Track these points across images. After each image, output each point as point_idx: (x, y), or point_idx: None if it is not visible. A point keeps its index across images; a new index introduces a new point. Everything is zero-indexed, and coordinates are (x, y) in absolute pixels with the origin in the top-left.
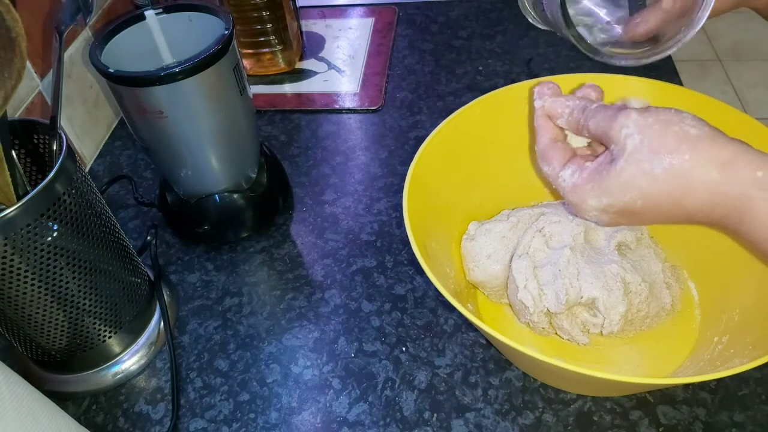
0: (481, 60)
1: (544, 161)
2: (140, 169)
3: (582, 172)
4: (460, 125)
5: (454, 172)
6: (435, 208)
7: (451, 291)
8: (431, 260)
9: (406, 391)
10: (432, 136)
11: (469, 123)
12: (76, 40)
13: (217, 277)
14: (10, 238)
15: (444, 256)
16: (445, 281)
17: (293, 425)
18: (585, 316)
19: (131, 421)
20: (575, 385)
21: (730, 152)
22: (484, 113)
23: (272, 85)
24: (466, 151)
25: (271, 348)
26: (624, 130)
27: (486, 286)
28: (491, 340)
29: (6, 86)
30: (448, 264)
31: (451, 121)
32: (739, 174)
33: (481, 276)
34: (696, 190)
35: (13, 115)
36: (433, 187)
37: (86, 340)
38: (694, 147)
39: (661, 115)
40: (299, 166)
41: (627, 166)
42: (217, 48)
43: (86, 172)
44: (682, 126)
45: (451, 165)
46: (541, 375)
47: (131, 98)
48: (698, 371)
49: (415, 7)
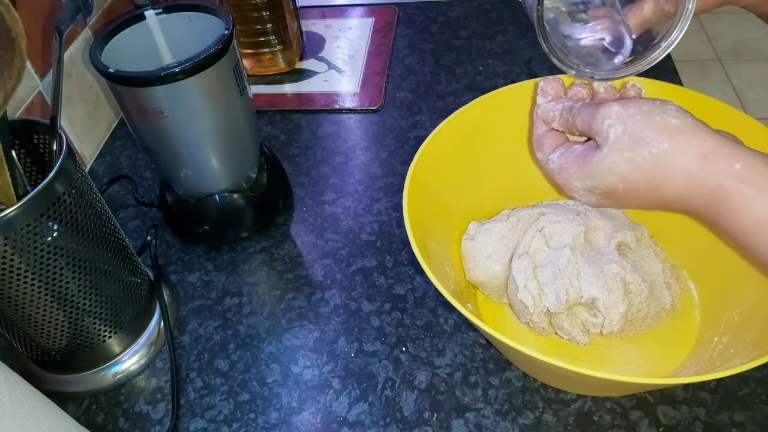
0: (481, 60)
1: (538, 147)
2: (140, 169)
3: (569, 154)
4: (460, 125)
5: (454, 172)
6: (435, 208)
7: (451, 291)
8: (431, 260)
9: (406, 391)
10: (432, 136)
11: (469, 123)
12: (76, 40)
13: (217, 277)
14: (10, 238)
15: (444, 256)
16: (445, 281)
17: (293, 425)
18: (585, 316)
19: (131, 421)
20: (575, 385)
21: (710, 144)
22: (484, 113)
23: (272, 85)
24: (467, 151)
25: (271, 348)
26: (606, 121)
27: (486, 286)
28: (491, 340)
29: (6, 86)
30: (448, 264)
31: (451, 121)
32: (718, 165)
33: (481, 276)
34: (674, 179)
35: (13, 115)
36: (433, 187)
37: (86, 340)
38: (673, 137)
39: (643, 106)
40: (299, 166)
41: (609, 154)
42: (217, 48)
43: (86, 172)
44: (664, 116)
45: (451, 165)
46: (542, 375)
47: (131, 98)
48: (698, 371)
49: (415, 7)
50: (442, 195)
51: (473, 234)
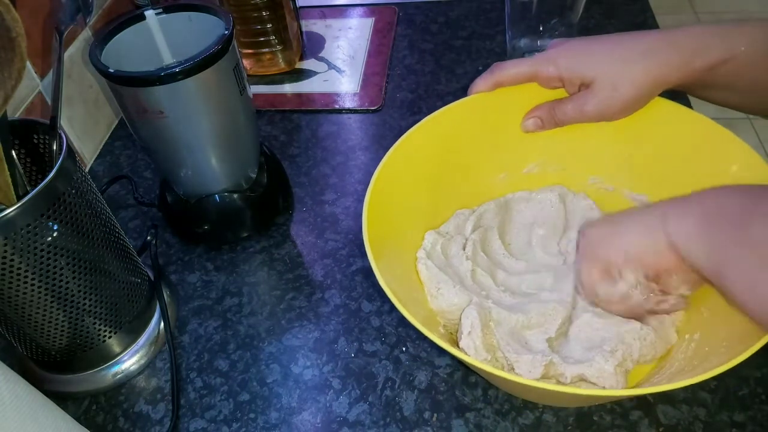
0: (481, 60)
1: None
2: (140, 169)
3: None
4: (422, 138)
5: (418, 183)
6: (395, 226)
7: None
8: (401, 281)
9: (406, 391)
10: (388, 156)
11: (432, 136)
12: (76, 40)
13: (217, 277)
14: (10, 238)
15: (416, 278)
16: (415, 307)
17: (293, 425)
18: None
19: (131, 421)
20: (548, 400)
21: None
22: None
23: (272, 85)
24: (429, 167)
25: (271, 348)
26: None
27: (446, 315)
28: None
29: (6, 86)
30: (416, 288)
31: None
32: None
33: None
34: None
35: (13, 115)
36: (394, 207)
37: (86, 340)
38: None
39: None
40: (299, 166)
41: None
42: (217, 48)
43: (86, 172)
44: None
45: (415, 177)
46: (515, 391)
47: (131, 98)
48: (675, 371)
49: (415, 7)
50: (403, 209)
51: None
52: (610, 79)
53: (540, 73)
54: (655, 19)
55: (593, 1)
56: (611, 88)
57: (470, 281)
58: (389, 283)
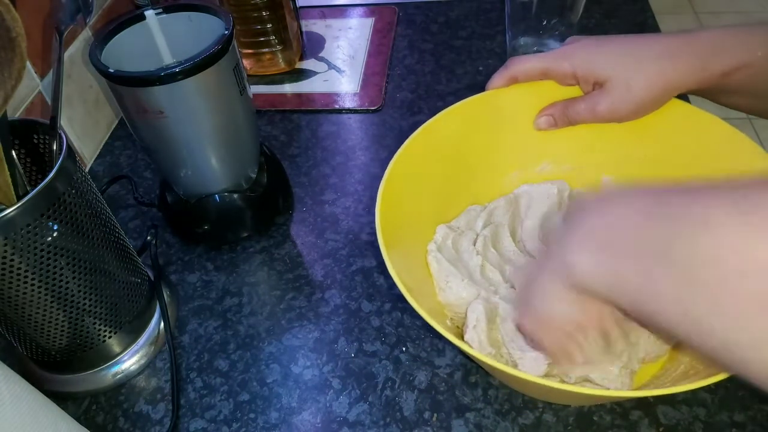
0: (481, 60)
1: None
2: (140, 169)
3: None
4: (433, 137)
5: (431, 177)
6: (407, 219)
7: (430, 308)
8: (410, 273)
9: (406, 391)
10: (402, 149)
11: (443, 134)
12: (76, 40)
13: (217, 277)
14: (10, 238)
15: (424, 271)
16: (423, 299)
17: (293, 425)
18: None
19: (131, 421)
20: (549, 397)
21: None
22: (462, 122)
23: (272, 85)
24: (443, 158)
25: (271, 348)
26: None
27: (453, 309)
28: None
29: (6, 86)
30: (425, 281)
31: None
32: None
33: (451, 298)
34: None
35: (13, 115)
36: (407, 200)
37: (86, 340)
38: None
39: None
40: (299, 166)
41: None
42: (217, 48)
43: (86, 172)
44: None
45: (428, 171)
46: (519, 388)
47: (131, 98)
48: (679, 375)
49: (415, 7)
50: (415, 206)
51: (440, 243)
52: (624, 79)
53: (554, 68)
54: (656, 20)
55: (593, 1)
56: (625, 88)
57: (479, 276)
58: (399, 274)
